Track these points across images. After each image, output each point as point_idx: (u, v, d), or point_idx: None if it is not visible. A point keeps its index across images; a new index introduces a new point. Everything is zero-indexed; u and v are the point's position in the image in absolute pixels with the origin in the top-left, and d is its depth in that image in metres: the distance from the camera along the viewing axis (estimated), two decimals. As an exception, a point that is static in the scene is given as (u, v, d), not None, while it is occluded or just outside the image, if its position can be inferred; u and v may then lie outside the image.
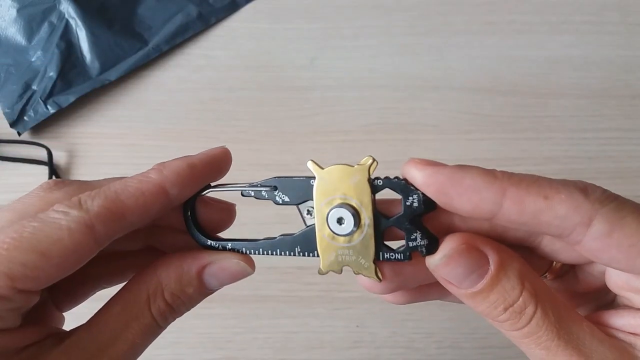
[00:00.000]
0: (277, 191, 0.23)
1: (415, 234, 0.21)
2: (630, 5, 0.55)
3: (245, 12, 0.56)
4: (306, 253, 0.23)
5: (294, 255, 0.23)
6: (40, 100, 0.50)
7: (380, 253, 0.22)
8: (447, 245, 0.20)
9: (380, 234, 0.21)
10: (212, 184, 0.25)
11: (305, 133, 0.51)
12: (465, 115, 0.51)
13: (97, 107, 0.52)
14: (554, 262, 0.24)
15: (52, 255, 0.19)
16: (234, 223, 0.26)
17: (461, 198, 0.19)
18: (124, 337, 0.21)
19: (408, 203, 0.21)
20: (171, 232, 0.26)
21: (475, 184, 0.19)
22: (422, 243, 0.21)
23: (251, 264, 0.24)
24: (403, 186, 0.21)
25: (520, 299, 0.19)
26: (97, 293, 0.27)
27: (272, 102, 0.52)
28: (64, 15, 0.53)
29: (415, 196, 0.21)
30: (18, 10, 0.54)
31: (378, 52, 0.54)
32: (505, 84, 0.52)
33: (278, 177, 0.23)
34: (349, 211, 0.21)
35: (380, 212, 0.21)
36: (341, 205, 0.21)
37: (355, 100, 0.52)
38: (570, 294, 0.24)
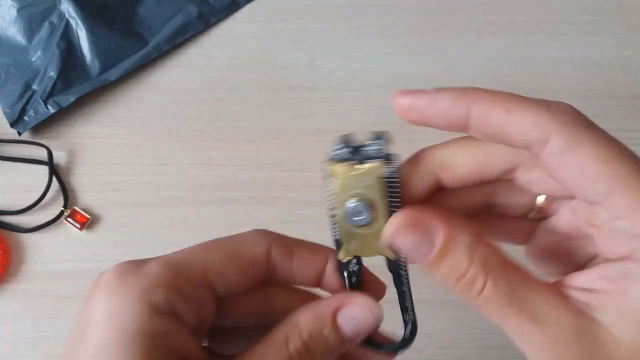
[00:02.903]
0: None
1: None
2: (631, 5, 0.55)
3: (245, 12, 0.56)
4: None
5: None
6: (40, 100, 0.50)
7: None
8: (396, 219, 0.22)
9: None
10: None
11: (305, 133, 0.51)
12: (465, 115, 0.51)
13: (97, 107, 0.52)
14: (537, 199, 0.24)
15: (237, 258, 0.24)
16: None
17: (436, 118, 0.21)
18: None
19: None
20: None
21: (446, 104, 0.21)
22: None
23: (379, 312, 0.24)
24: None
25: (469, 271, 0.20)
26: None
27: (272, 102, 0.52)
28: (64, 15, 0.53)
29: None
30: (18, 10, 0.54)
31: (378, 52, 0.54)
32: (505, 84, 0.52)
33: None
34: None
35: None
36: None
37: (355, 100, 0.52)
38: (558, 240, 0.25)
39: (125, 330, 0.20)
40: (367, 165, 0.22)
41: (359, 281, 0.25)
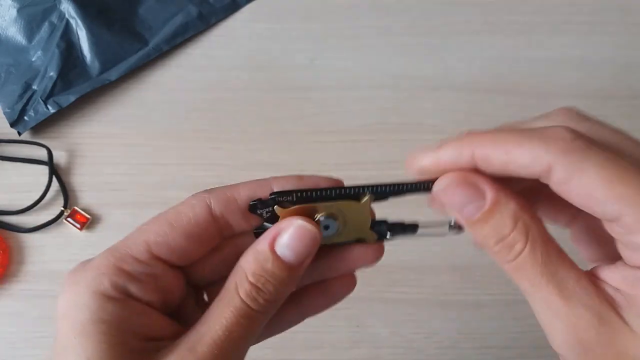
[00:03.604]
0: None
1: None
2: (630, 5, 0.55)
3: (245, 12, 0.56)
4: None
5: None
6: (40, 100, 0.50)
7: None
8: (449, 176, 0.23)
9: None
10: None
11: (305, 133, 0.51)
12: (465, 115, 0.51)
13: (97, 107, 0.52)
14: None
15: (178, 225, 0.24)
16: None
17: (448, 169, 0.23)
18: (218, 322, 0.23)
19: None
20: None
21: (450, 158, 0.22)
22: None
23: (313, 224, 0.24)
24: None
25: (511, 235, 0.21)
26: None
27: (272, 102, 0.52)
28: (64, 15, 0.53)
29: None
30: (18, 10, 0.54)
31: (378, 52, 0.54)
32: (505, 84, 0.52)
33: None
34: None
35: None
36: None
37: (355, 100, 0.52)
38: (599, 225, 0.24)
39: (79, 323, 0.22)
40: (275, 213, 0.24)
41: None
